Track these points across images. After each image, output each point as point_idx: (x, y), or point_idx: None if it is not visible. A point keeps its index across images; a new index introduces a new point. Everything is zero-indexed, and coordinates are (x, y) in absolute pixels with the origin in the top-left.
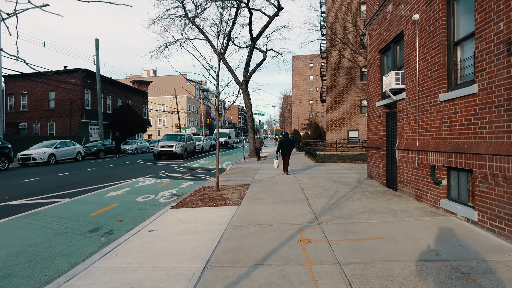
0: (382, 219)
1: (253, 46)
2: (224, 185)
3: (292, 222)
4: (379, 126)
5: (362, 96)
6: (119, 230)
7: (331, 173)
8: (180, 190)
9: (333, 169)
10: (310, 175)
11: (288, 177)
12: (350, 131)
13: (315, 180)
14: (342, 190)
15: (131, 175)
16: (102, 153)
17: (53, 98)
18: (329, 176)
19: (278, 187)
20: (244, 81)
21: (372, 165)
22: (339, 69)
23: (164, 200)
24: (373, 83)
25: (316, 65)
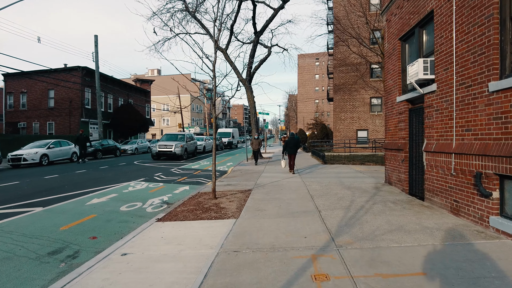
0: (417, 242)
1: (257, 41)
2: (222, 191)
3: (303, 245)
4: (400, 125)
5: (372, 94)
6: (86, 252)
7: (343, 176)
8: (173, 196)
9: (344, 172)
10: (319, 179)
11: (295, 182)
12: (359, 130)
13: (326, 186)
14: (359, 199)
15: (122, 178)
16: (99, 153)
17: (53, 97)
18: (340, 181)
19: (283, 194)
20: (247, 78)
21: (391, 169)
22: (347, 66)
23: (152, 209)
24: (392, 76)
25: (322, 64)
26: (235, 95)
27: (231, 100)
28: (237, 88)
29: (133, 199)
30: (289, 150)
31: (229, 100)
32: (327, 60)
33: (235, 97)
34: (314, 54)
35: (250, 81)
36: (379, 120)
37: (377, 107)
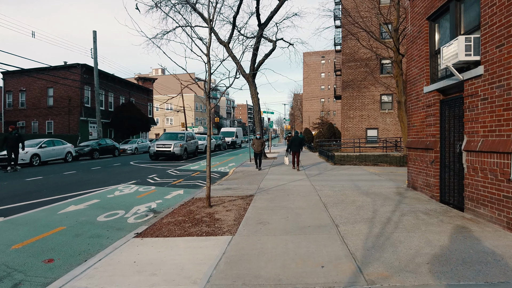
0: (483, 278)
1: (261, 34)
2: (220, 197)
3: (320, 280)
4: (428, 120)
5: (382, 90)
6: (30, 285)
7: (357, 179)
8: (163, 203)
9: (357, 174)
10: (330, 182)
11: (303, 186)
12: (369, 129)
13: (340, 191)
14: (383, 209)
15: (112, 181)
16: (96, 153)
17: (52, 95)
18: (355, 185)
19: (291, 201)
20: (251, 74)
21: (416, 171)
22: (356, 61)
23: (134, 220)
24: (417, 63)
25: (328, 62)
26: (234, 86)
27: (236, 100)
28: (236, 76)
29: (116, 206)
30: (294, 148)
31: (226, 91)
32: (333, 57)
33: (233, 87)
34: (320, 52)
35: (254, 77)
36: (390, 118)
37: (387, 104)
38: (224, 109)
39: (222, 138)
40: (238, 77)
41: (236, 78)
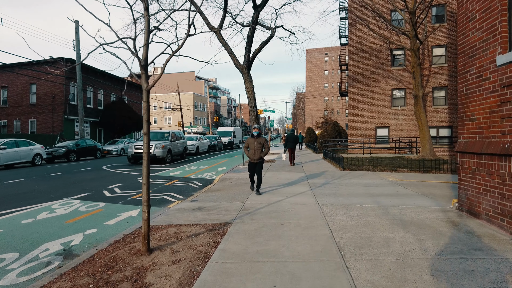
0: None
1: (257, 17)
2: (178, 227)
3: None
4: (505, 108)
5: (394, 85)
6: None
7: (377, 193)
8: (94, 235)
9: (375, 184)
10: (342, 198)
11: (305, 206)
12: (379, 128)
13: (359, 217)
14: (445, 264)
15: (56, 194)
16: (73, 155)
17: (35, 92)
18: (379, 203)
19: (285, 240)
20: (245, 64)
21: (478, 189)
22: (364, 53)
23: (17, 277)
24: (481, 21)
25: (331, 59)
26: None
27: (237, 100)
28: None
29: (18, 241)
30: (290, 145)
31: (178, 51)
32: (337, 54)
33: (213, 63)
34: (324, 48)
35: (249, 68)
36: (402, 116)
37: (400, 100)
38: (225, 108)
39: (218, 138)
40: (195, 34)
41: (191, 24)
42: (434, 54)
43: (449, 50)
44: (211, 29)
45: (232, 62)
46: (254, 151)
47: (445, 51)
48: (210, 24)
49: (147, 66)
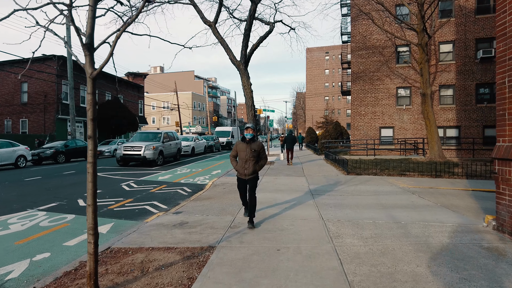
0: None
1: (254, 10)
2: (148, 252)
3: None
4: None
5: (399, 83)
6: None
7: (390, 205)
8: (45, 262)
9: (385, 191)
10: (351, 211)
11: (307, 220)
12: (383, 128)
13: (374, 240)
14: None
15: (23, 203)
16: (61, 156)
17: (26, 91)
18: (394, 219)
19: (281, 275)
20: (242, 60)
21: None
22: (367, 49)
23: None
24: None
25: (332, 58)
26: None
27: (237, 99)
28: None
29: None
30: (288, 145)
31: (131, 23)
32: (338, 53)
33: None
34: (324, 47)
35: (246, 65)
36: (407, 116)
37: (405, 99)
38: (225, 108)
39: (216, 139)
40: None
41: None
42: (441, 51)
43: (457, 47)
44: (206, 23)
45: (229, 58)
46: (245, 163)
47: (453, 47)
48: (205, 18)
49: (92, 45)
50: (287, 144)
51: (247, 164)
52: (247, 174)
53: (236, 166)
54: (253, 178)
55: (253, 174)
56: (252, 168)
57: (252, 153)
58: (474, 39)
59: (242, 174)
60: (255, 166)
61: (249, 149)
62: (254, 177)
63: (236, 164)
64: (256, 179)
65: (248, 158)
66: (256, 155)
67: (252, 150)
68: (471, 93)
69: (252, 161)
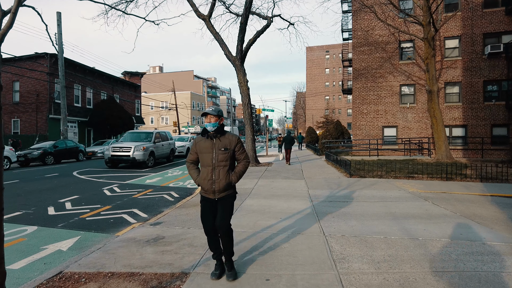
0: None
1: (250, 2)
2: (102, 282)
3: None
4: None
5: (402, 80)
6: None
7: (402, 214)
8: None
9: (393, 197)
10: (357, 223)
11: (305, 235)
12: (386, 127)
13: (389, 264)
14: None
15: None
16: (49, 157)
17: (18, 90)
18: (409, 233)
19: None
20: (238, 56)
21: None
22: (370, 45)
23: None
24: None
25: (333, 57)
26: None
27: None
28: None
29: None
30: (286, 145)
31: None
32: (338, 52)
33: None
34: (325, 46)
35: (243, 61)
36: (411, 114)
37: (409, 97)
38: (225, 108)
39: None
40: None
41: None
42: (446, 47)
43: (463, 42)
44: (200, 17)
45: (224, 53)
46: (213, 172)
47: (459, 43)
48: (199, 11)
49: None
50: (286, 144)
51: (215, 173)
52: (216, 190)
53: (198, 177)
54: (228, 197)
55: (226, 190)
56: (224, 179)
57: (222, 154)
58: (481, 34)
59: (208, 190)
60: (229, 175)
61: (216, 148)
62: (228, 194)
63: (197, 175)
64: (232, 198)
65: (217, 163)
66: (229, 157)
67: (222, 150)
68: (479, 90)
69: (223, 167)
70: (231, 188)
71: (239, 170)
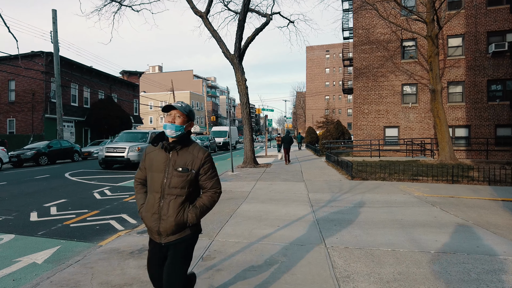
0: None
1: None
2: None
3: None
4: None
5: (404, 79)
6: None
7: (409, 222)
8: None
9: (399, 202)
10: (361, 231)
11: (305, 249)
12: (387, 128)
13: (400, 284)
14: None
15: None
16: (43, 158)
17: (14, 89)
18: (419, 245)
19: None
20: (236, 54)
21: None
22: (371, 44)
23: None
24: None
25: (333, 56)
26: None
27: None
28: None
29: None
30: (285, 145)
31: None
32: (338, 51)
33: None
34: (324, 46)
35: (241, 59)
36: (413, 114)
37: (411, 97)
38: (224, 108)
39: (211, 139)
40: None
41: None
42: (449, 45)
43: (466, 40)
44: (197, 13)
45: (222, 51)
46: (160, 201)
47: (462, 41)
48: (196, 8)
49: None
50: (284, 144)
51: (163, 204)
52: (162, 230)
53: (142, 207)
54: (180, 243)
55: (177, 233)
56: (174, 215)
57: (178, 177)
58: (485, 32)
59: (152, 229)
60: (184, 210)
61: (171, 166)
62: (181, 239)
63: (142, 203)
64: (187, 245)
65: (167, 189)
66: (189, 182)
67: (178, 170)
68: (482, 90)
69: (176, 197)
70: (184, 227)
71: (202, 204)
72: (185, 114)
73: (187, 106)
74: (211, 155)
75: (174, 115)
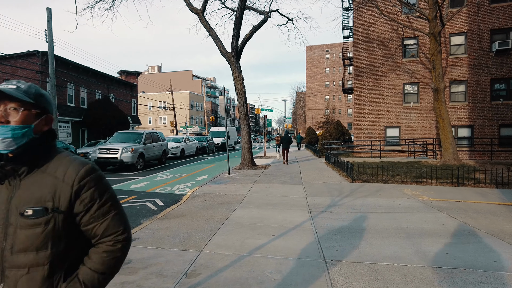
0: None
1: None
2: None
3: None
4: None
5: (406, 78)
6: None
7: (414, 229)
8: None
9: (403, 207)
10: (363, 241)
11: (301, 263)
12: (388, 128)
13: None
14: None
15: None
16: None
17: None
18: (428, 259)
19: None
20: (233, 52)
21: None
22: (372, 43)
23: None
24: None
25: (333, 56)
26: None
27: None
28: None
29: None
30: (284, 145)
31: None
32: (338, 51)
33: None
34: (324, 45)
35: (238, 57)
36: (415, 114)
37: (412, 96)
38: (223, 108)
39: (210, 139)
40: None
41: None
42: (452, 44)
43: (469, 39)
44: (193, 11)
45: (218, 50)
46: None
47: (465, 39)
48: (192, 5)
49: None
50: (283, 144)
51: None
52: None
53: None
54: None
55: None
56: None
57: (28, 229)
58: (488, 30)
59: None
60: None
61: (13, 207)
62: None
63: None
64: None
65: (10, 255)
66: (55, 237)
67: (26, 214)
68: (486, 89)
69: (31, 271)
70: None
71: (92, 270)
72: (28, 101)
73: (30, 87)
74: (97, 170)
75: (4, 108)
